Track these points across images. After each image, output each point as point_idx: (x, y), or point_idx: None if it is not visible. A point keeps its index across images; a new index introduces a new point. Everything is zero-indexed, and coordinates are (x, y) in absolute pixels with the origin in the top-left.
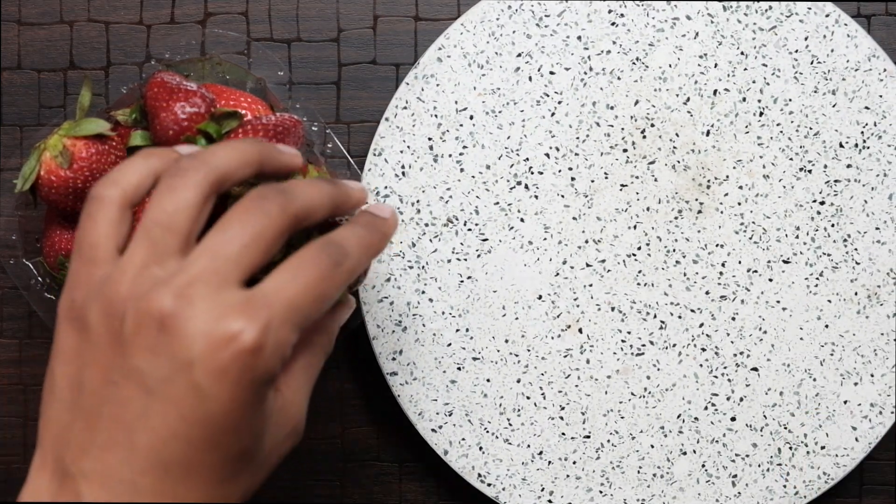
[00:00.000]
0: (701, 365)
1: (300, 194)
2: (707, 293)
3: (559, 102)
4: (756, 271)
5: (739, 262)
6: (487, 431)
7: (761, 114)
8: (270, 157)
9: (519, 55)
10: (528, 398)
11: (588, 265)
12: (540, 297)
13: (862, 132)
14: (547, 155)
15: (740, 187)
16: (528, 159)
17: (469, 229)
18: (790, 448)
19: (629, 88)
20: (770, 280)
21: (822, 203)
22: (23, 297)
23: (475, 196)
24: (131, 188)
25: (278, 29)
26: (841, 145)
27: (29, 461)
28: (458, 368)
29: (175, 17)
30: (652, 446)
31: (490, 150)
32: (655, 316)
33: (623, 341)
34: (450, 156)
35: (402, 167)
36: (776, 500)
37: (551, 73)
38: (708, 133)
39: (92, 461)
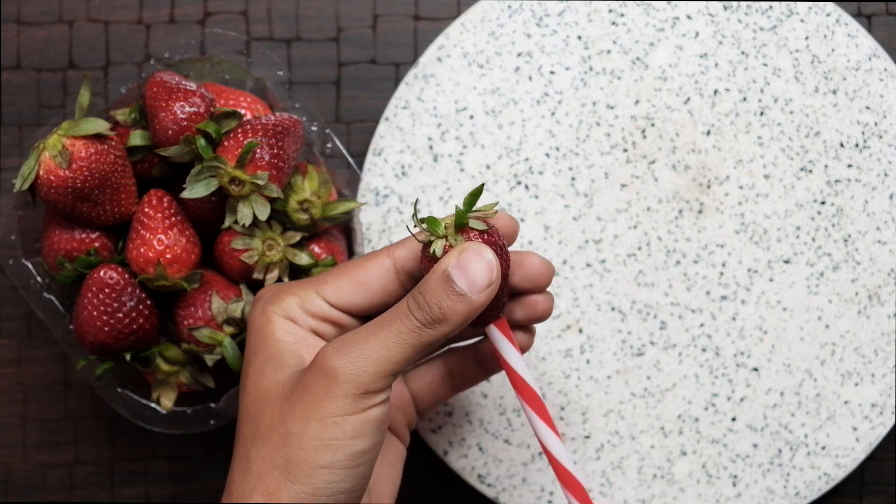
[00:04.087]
0: (701, 365)
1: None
2: (707, 293)
3: (559, 102)
4: (756, 271)
5: (740, 262)
6: (487, 431)
7: (762, 113)
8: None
9: (519, 55)
10: None
11: (588, 265)
12: None
13: (862, 132)
14: (547, 155)
15: (741, 187)
16: (528, 159)
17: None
18: (791, 448)
19: (629, 88)
20: (770, 280)
21: (823, 203)
22: (22, 297)
23: None
24: None
25: (278, 29)
26: (841, 145)
27: (29, 461)
28: None
29: (175, 17)
30: (652, 447)
31: (490, 150)
32: (656, 316)
33: (623, 341)
34: (450, 156)
35: (402, 167)
36: (777, 501)
37: (551, 72)
38: (708, 133)
39: None
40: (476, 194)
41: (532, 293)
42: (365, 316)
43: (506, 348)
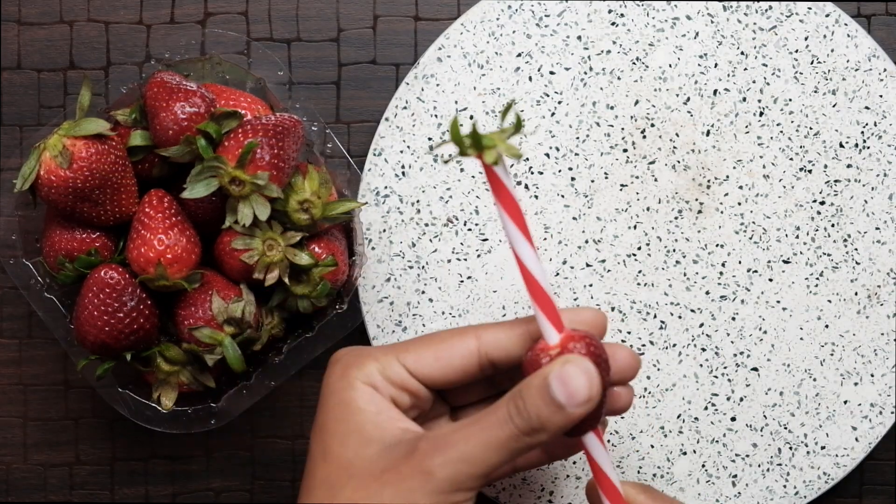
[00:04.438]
0: (701, 365)
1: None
2: (707, 293)
3: (559, 102)
4: (756, 271)
5: (739, 262)
6: None
7: (761, 114)
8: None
9: (519, 55)
10: None
11: (588, 265)
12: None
13: (862, 132)
14: (547, 155)
15: (740, 187)
16: (528, 159)
17: (469, 229)
18: (790, 448)
19: (629, 88)
20: (770, 280)
21: (823, 203)
22: (23, 297)
23: (475, 196)
24: None
25: (278, 29)
26: (841, 145)
27: (29, 461)
28: None
29: (175, 17)
30: (652, 446)
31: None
32: (655, 316)
33: (623, 341)
34: (450, 156)
35: (402, 167)
36: (776, 501)
37: (551, 73)
38: (708, 133)
39: None
40: (508, 108)
41: (615, 385)
42: (438, 390)
43: (598, 453)
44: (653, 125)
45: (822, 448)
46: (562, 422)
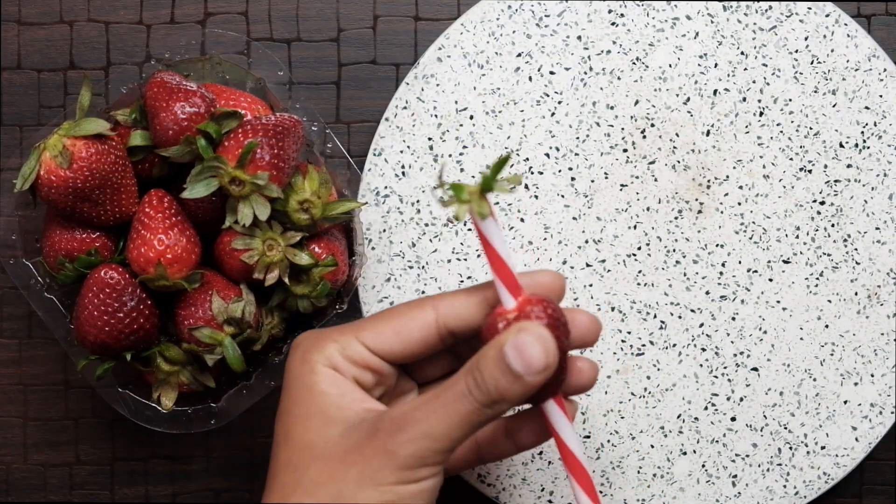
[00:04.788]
0: (701, 365)
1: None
2: (707, 293)
3: (559, 102)
4: (756, 271)
5: (739, 262)
6: None
7: (761, 114)
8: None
9: (519, 55)
10: None
11: (588, 265)
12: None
13: (862, 132)
14: (547, 155)
15: (740, 187)
16: (528, 159)
17: (469, 229)
18: (790, 448)
19: (629, 88)
20: (770, 280)
21: (823, 203)
22: (23, 297)
23: None
24: None
25: (278, 29)
26: (841, 145)
27: (29, 461)
28: None
29: (175, 17)
30: (652, 446)
31: (490, 150)
32: (655, 316)
33: (623, 341)
34: (450, 156)
35: (402, 167)
36: (776, 500)
37: (551, 73)
38: (708, 133)
39: None
40: (503, 162)
41: (577, 348)
42: (403, 365)
43: (560, 424)
44: (653, 125)
45: (822, 448)
46: (521, 391)
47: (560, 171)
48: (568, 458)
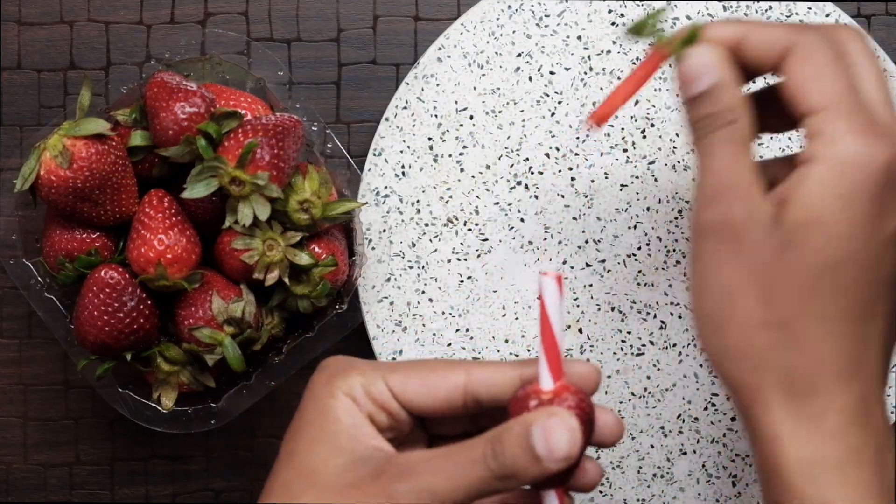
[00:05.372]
0: (701, 365)
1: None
2: None
3: (559, 102)
4: None
5: None
6: None
7: None
8: None
9: (519, 55)
10: None
11: (588, 265)
12: (540, 298)
13: None
14: (547, 155)
15: None
16: (528, 159)
17: (469, 229)
18: None
19: None
20: None
21: None
22: (23, 297)
23: (475, 196)
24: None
25: (278, 29)
26: None
27: (29, 461)
28: None
29: (175, 17)
30: (652, 446)
31: (490, 150)
32: (655, 316)
33: (623, 341)
34: (450, 156)
35: (402, 167)
36: None
37: (551, 73)
38: None
39: None
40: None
41: (597, 446)
42: (418, 416)
43: (553, 305)
44: (653, 125)
45: None
46: (536, 473)
47: (560, 171)
48: (546, 335)
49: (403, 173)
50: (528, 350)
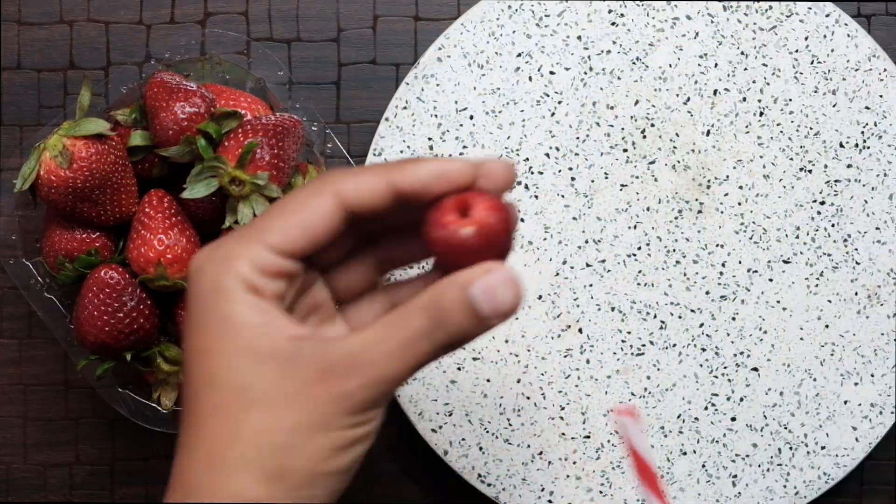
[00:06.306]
0: (701, 365)
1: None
2: (707, 293)
3: (559, 102)
4: (756, 271)
5: (739, 262)
6: (487, 431)
7: (761, 114)
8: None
9: (519, 55)
10: (528, 398)
11: (588, 265)
12: (540, 297)
13: (862, 132)
14: (547, 155)
15: (740, 187)
16: (528, 159)
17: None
18: (790, 448)
19: (629, 88)
20: (770, 280)
21: (823, 203)
22: (23, 297)
23: None
24: None
25: (278, 29)
26: (841, 145)
27: (29, 461)
28: (458, 368)
29: (175, 17)
30: (652, 446)
31: (490, 150)
32: (655, 316)
33: (623, 341)
34: (450, 156)
35: None
36: (776, 500)
37: (551, 73)
38: (708, 133)
39: None
40: None
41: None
42: (307, 258)
43: (638, 439)
44: (653, 125)
45: (822, 448)
46: (482, 330)
47: (560, 171)
48: (643, 469)
49: None
50: (529, 350)
